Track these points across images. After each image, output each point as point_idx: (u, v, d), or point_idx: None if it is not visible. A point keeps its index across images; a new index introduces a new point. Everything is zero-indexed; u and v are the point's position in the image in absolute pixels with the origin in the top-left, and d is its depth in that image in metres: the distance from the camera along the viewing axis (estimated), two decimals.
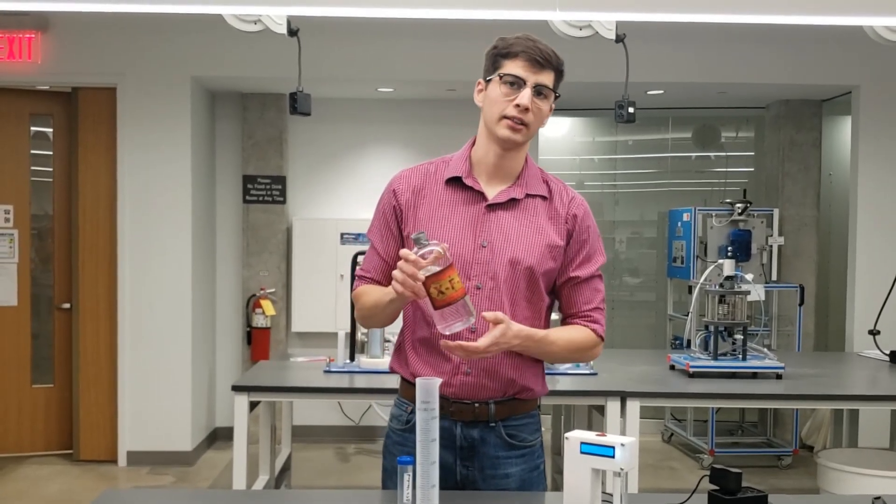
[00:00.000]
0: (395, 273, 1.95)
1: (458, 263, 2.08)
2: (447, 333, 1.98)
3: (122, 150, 5.84)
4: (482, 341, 1.99)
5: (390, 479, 2.26)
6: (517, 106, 2.08)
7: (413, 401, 2.18)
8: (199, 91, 6.12)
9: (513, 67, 2.09)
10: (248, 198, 6.51)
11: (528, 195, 2.18)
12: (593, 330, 2.21)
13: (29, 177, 6.05)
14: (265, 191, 6.50)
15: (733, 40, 5.76)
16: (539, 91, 2.10)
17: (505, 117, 2.09)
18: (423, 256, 1.91)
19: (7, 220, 5.96)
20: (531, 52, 2.09)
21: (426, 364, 2.16)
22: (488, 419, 2.17)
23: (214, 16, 4.50)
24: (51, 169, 6.08)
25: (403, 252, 1.94)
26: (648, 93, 6.29)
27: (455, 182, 2.18)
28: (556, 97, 2.16)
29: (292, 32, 4.65)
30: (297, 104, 4.98)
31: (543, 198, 2.19)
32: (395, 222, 2.21)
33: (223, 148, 6.60)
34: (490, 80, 2.13)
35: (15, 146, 5.99)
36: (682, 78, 5.96)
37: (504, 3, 4.46)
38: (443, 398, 2.10)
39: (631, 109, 4.97)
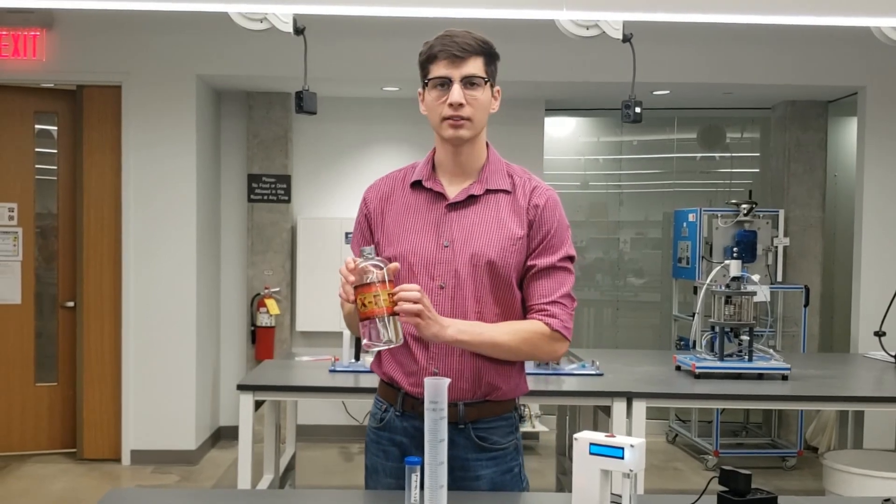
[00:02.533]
0: (340, 276, 2.00)
1: (422, 264, 2.14)
2: (370, 351, 2.05)
3: (126, 148, 5.84)
4: (407, 285, 1.97)
5: (370, 477, 2.29)
6: (451, 105, 2.10)
7: (387, 400, 2.24)
8: (205, 89, 6.11)
9: (437, 69, 2.11)
10: (252, 196, 6.51)
11: (488, 191, 2.18)
12: (547, 324, 2.13)
13: (33, 175, 6.04)
14: (270, 190, 6.49)
15: (739, 41, 5.75)
16: (470, 82, 2.10)
17: (444, 119, 2.12)
18: (364, 268, 1.95)
19: (11, 217, 5.96)
20: (449, 49, 2.09)
21: (397, 364, 2.19)
22: (457, 420, 2.16)
23: (220, 14, 4.49)
24: (55, 167, 6.08)
25: (347, 258, 1.99)
26: (654, 93, 6.28)
27: (419, 186, 2.21)
28: (488, 82, 2.13)
29: (298, 31, 4.64)
30: (303, 103, 4.97)
31: (507, 192, 2.19)
32: (369, 231, 2.25)
33: (228, 146, 6.59)
34: (425, 87, 2.16)
35: (19, 144, 5.99)
36: (687, 78, 5.95)
37: (512, 2, 4.45)
38: (412, 398, 2.14)
39: (638, 109, 4.95)
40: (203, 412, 6.15)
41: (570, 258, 2.20)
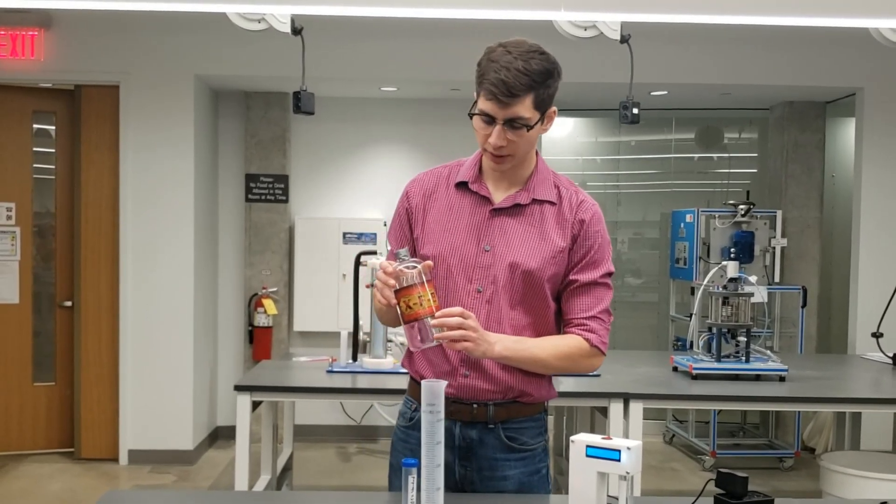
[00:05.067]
0: (375, 281, 1.99)
1: (461, 266, 2.13)
2: (415, 351, 2.07)
3: (124, 148, 5.84)
4: (448, 310, 1.97)
5: (396, 477, 2.27)
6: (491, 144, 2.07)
7: (417, 399, 2.21)
8: (203, 89, 6.11)
9: (483, 102, 2.04)
10: (250, 196, 6.51)
11: (534, 200, 2.17)
12: (587, 339, 2.15)
13: (31, 174, 6.04)
14: (268, 190, 6.49)
15: (737, 41, 5.75)
16: (513, 125, 2.03)
17: (486, 150, 2.11)
18: (402, 271, 1.94)
19: (9, 217, 5.96)
20: (496, 90, 1.99)
21: (428, 364, 2.19)
22: (487, 420, 2.16)
23: (218, 14, 4.50)
24: (53, 167, 6.07)
25: (383, 263, 1.99)
26: (652, 93, 6.28)
27: (464, 186, 2.19)
28: (539, 120, 2.05)
29: (296, 31, 4.64)
30: (301, 103, 4.97)
31: (552, 203, 2.17)
32: (409, 225, 2.23)
33: (226, 146, 6.59)
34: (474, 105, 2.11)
35: (17, 143, 5.98)
36: (685, 79, 5.95)
37: (510, 2, 4.45)
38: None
39: (635, 110, 4.96)
40: (200, 412, 6.15)
41: (610, 274, 2.21)
